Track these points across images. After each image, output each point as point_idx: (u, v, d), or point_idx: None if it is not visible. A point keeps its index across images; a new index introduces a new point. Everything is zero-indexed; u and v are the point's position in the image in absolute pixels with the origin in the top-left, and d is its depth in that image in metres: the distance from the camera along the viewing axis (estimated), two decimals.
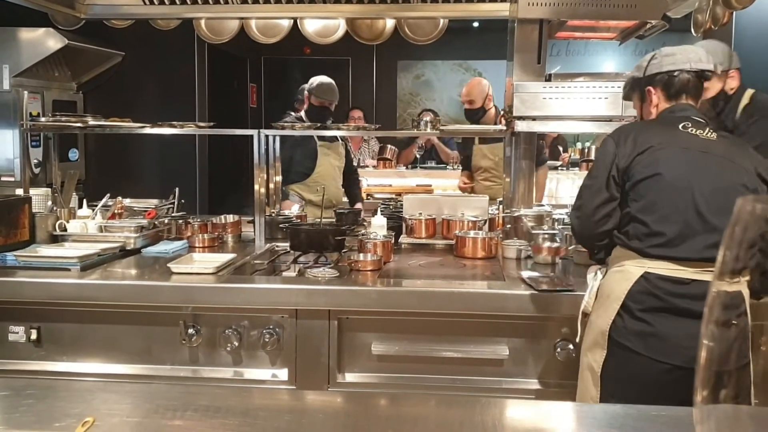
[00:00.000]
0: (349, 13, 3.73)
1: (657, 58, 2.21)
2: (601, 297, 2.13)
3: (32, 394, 1.40)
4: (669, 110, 2.19)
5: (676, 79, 2.17)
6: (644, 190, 2.06)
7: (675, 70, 2.17)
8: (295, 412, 1.37)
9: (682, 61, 2.17)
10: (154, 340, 2.49)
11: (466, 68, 8.87)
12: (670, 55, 2.20)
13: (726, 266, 0.42)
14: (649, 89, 2.22)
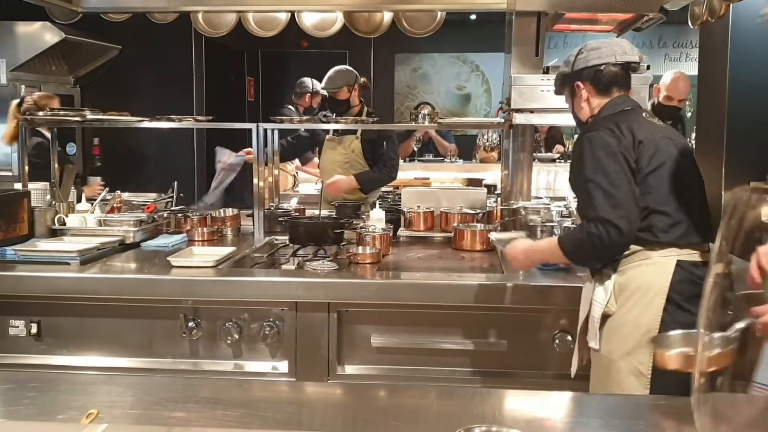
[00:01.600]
0: (346, 6, 3.72)
1: (583, 53, 2.20)
2: (635, 294, 2.01)
3: (36, 387, 1.41)
4: (613, 103, 2.17)
5: (602, 73, 2.16)
6: (655, 181, 2.02)
7: (601, 63, 2.17)
8: (295, 403, 1.38)
9: (607, 54, 2.17)
10: (155, 334, 2.49)
11: (463, 61, 8.86)
12: (595, 49, 2.19)
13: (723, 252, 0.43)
14: (578, 84, 2.21)
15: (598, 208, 1.96)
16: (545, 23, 3.27)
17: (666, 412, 1.26)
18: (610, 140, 2.03)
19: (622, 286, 2.03)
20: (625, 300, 2.02)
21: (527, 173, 3.41)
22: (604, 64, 2.16)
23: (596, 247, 1.98)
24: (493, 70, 8.51)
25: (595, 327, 2.07)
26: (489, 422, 1.19)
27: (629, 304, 2.01)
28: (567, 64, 2.24)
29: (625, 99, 2.18)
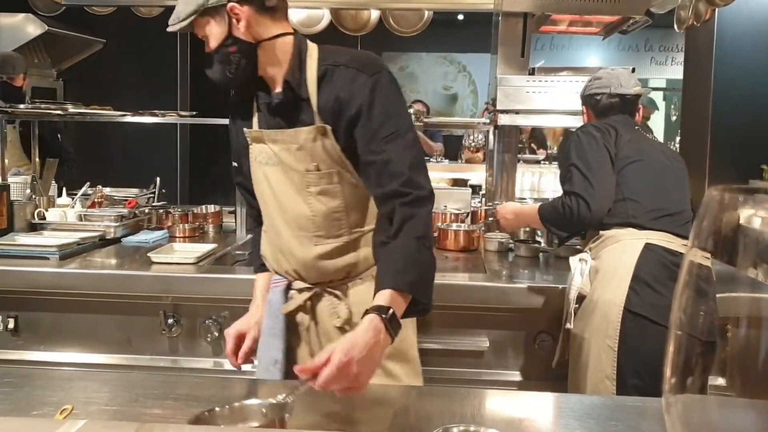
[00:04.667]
0: (333, 4, 3.71)
1: (591, 80, 2.49)
2: (606, 274, 2.15)
3: (10, 383, 1.39)
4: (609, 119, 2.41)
5: (599, 102, 2.44)
6: (631, 174, 2.23)
7: (598, 93, 2.44)
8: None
9: (605, 85, 2.43)
10: (134, 330, 2.47)
11: (450, 61, 8.87)
12: (598, 78, 2.47)
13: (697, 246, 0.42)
14: (584, 107, 2.53)
15: (574, 185, 2.21)
16: (531, 24, 3.27)
17: (643, 413, 1.26)
18: (595, 133, 2.29)
19: (595, 268, 2.21)
20: (597, 281, 2.18)
21: (512, 174, 3.41)
22: (600, 94, 2.44)
23: (566, 216, 2.22)
24: (480, 70, 8.53)
25: (569, 308, 2.22)
26: (468, 422, 1.19)
27: (600, 284, 2.16)
28: (583, 88, 2.54)
29: (620, 117, 2.41)
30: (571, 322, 2.21)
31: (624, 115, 2.43)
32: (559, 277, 2.46)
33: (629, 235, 2.17)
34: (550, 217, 2.33)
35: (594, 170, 2.21)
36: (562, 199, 2.25)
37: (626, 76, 2.47)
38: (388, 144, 1.57)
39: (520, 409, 1.33)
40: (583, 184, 2.20)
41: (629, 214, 2.20)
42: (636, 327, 2.05)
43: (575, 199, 2.19)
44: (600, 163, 2.23)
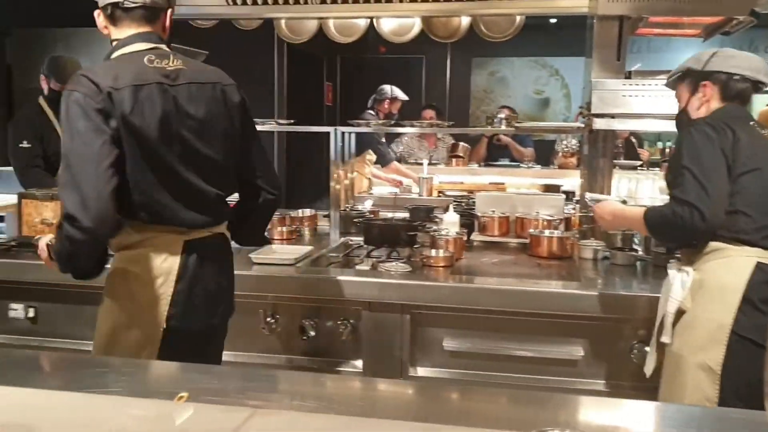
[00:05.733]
0: (425, 12, 3.75)
1: (719, 57, 2.22)
2: (712, 291, 2.05)
3: (129, 372, 1.50)
4: (726, 109, 2.19)
5: (735, 83, 2.19)
6: (746, 182, 2.08)
7: (736, 74, 2.19)
8: (368, 396, 1.42)
9: (744, 67, 2.19)
10: (236, 327, 2.58)
11: (542, 65, 8.76)
12: (733, 56, 2.21)
13: None
14: (705, 84, 2.22)
15: (687, 192, 2.03)
16: (628, 27, 3.21)
17: (748, 426, 1.23)
18: (711, 133, 2.08)
19: (699, 282, 2.08)
20: (700, 296, 2.06)
21: (607, 180, 3.35)
22: (739, 75, 2.19)
23: (677, 226, 2.04)
24: (572, 74, 8.37)
25: (668, 322, 2.10)
26: (562, 426, 1.19)
27: (704, 300, 2.05)
28: (697, 61, 2.25)
29: (737, 108, 2.21)
30: (670, 336, 2.11)
31: (744, 107, 2.23)
32: (656, 287, 2.40)
33: (739, 251, 2.05)
34: (657, 225, 2.17)
35: (710, 176, 2.04)
36: (672, 207, 2.06)
37: (758, 61, 2.23)
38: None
39: (615, 417, 1.32)
40: (697, 191, 2.02)
41: (740, 228, 2.06)
42: (743, 350, 1.97)
43: (688, 208, 2.01)
44: (716, 168, 2.05)
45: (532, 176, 5.54)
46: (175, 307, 1.93)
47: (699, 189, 2.02)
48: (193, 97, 1.98)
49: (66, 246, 1.82)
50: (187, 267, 1.95)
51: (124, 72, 1.87)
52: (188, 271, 1.95)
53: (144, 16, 1.98)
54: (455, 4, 3.59)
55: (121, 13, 1.97)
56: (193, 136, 1.96)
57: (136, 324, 1.93)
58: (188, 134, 1.95)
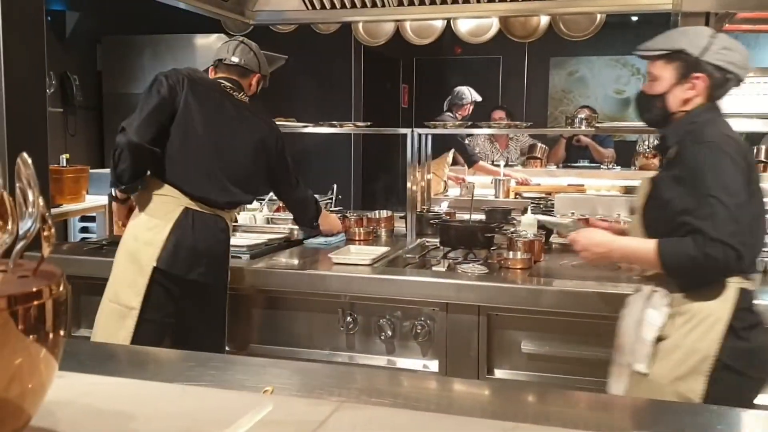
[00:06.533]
0: (503, 12, 3.74)
1: (718, 45, 1.95)
2: (696, 319, 1.86)
3: (215, 366, 1.56)
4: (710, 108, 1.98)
5: (728, 81, 1.96)
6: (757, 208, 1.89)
7: (736, 72, 1.96)
8: (446, 396, 1.43)
9: (738, 64, 1.95)
10: (315, 326, 2.65)
11: (623, 64, 8.54)
12: (730, 49, 1.96)
13: None
14: (698, 76, 1.95)
15: (719, 227, 1.76)
16: (714, 23, 3.11)
17: None
18: (733, 153, 1.84)
19: (680, 309, 1.89)
20: (683, 323, 1.88)
21: None
22: (734, 74, 1.96)
23: (709, 268, 1.80)
24: None
25: (646, 350, 1.90)
26: None
27: (687, 327, 1.87)
28: (692, 44, 1.95)
29: (717, 106, 2.02)
30: (647, 365, 1.90)
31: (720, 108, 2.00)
32: None
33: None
34: (678, 266, 1.86)
35: (740, 206, 1.78)
36: (704, 248, 1.77)
37: (747, 56, 1.99)
38: None
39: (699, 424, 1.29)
40: (732, 226, 1.76)
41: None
42: (726, 379, 1.83)
43: (722, 247, 1.75)
44: (743, 197, 1.80)
45: (613, 178, 5.42)
46: (164, 252, 2.43)
47: (733, 224, 1.76)
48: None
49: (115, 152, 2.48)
50: (180, 226, 2.47)
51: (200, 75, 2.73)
52: (179, 229, 2.47)
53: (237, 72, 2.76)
54: (535, 3, 3.56)
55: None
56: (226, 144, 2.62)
57: (137, 258, 2.45)
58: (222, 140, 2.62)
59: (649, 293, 1.95)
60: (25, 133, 2.79)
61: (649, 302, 1.94)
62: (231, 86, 2.70)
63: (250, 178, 2.68)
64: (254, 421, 0.96)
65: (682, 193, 1.86)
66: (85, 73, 5.73)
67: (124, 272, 2.48)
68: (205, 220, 2.53)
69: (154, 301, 2.43)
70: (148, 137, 2.46)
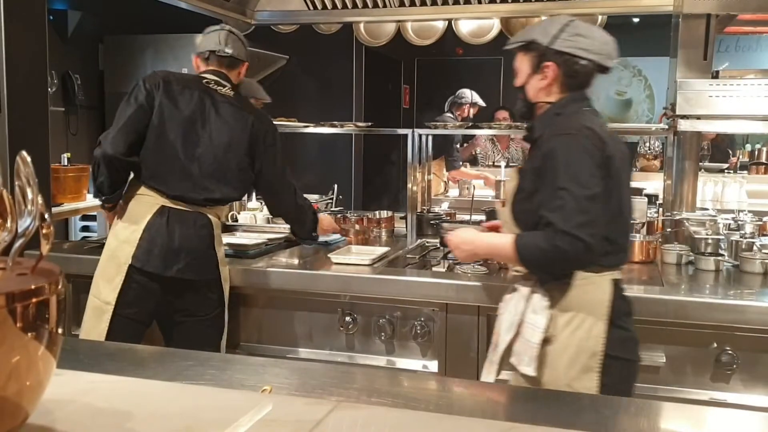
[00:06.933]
0: (505, 13, 3.74)
1: (569, 32, 1.93)
2: (578, 316, 1.88)
3: (214, 365, 1.56)
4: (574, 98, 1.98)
5: (582, 67, 1.94)
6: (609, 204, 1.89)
7: (586, 58, 1.92)
8: (446, 396, 1.43)
9: (594, 50, 1.93)
10: (315, 326, 2.65)
11: (624, 65, 8.54)
12: (584, 35, 1.93)
13: None
14: (548, 65, 1.95)
15: (567, 218, 1.77)
16: (715, 25, 3.11)
17: None
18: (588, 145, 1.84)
19: (561, 308, 1.90)
20: (566, 323, 1.89)
21: (692, 183, 3.25)
22: (588, 60, 1.93)
23: (558, 260, 1.82)
24: (656, 74, 8.13)
25: (532, 352, 1.89)
26: None
27: (571, 327, 1.88)
28: (544, 33, 1.95)
29: (584, 96, 2.01)
30: (534, 368, 1.89)
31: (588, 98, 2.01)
32: (743, 293, 2.32)
33: (597, 272, 1.89)
34: (532, 258, 1.87)
35: (594, 198, 1.80)
36: (553, 240, 1.79)
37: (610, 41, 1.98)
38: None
39: (699, 424, 1.29)
40: (580, 218, 1.77)
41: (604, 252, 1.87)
42: (615, 369, 1.88)
43: (570, 239, 1.76)
44: (598, 189, 1.81)
45: None
46: (138, 250, 2.45)
47: (581, 215, 1.77)
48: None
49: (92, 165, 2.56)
50: (153, 224, 2.48)
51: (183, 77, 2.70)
52: (153, 227, 2.48)
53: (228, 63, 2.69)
54: (536, 4, 3.57)
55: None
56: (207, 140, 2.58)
57: (115, 255, 2.48)
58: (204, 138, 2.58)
59: (528, 294, 1.95)
60: (26, 132, 2.79)
61: (529, 304, 1.93)
62: (216, 80, 2.64)
63: (232, 173, 2.59)
64: (254, 421, 0.96)
65: (540, 186, 1.87)
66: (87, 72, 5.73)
67: (104, 269, 2.51)
68: (183, 218, 2.51)
69: (130, 298, 2.45)
70: (123, 149, 2.47)
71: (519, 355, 1.94)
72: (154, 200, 2.51)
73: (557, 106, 1.98)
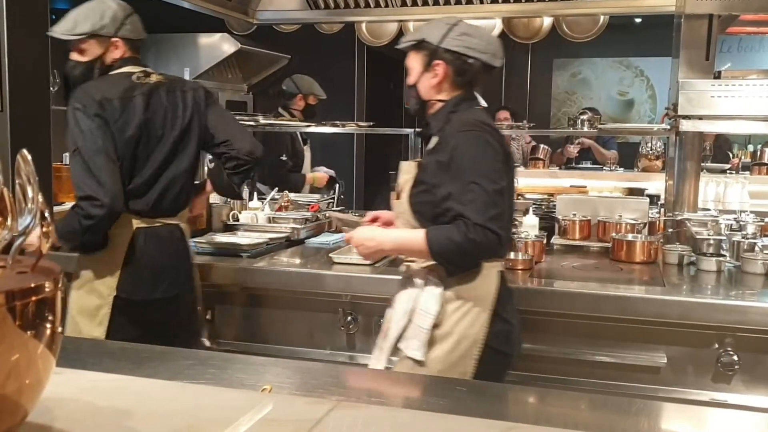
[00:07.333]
0: (507, 13, 3.73)
1: (457, 32, 2.00)
2: (465, 305, 1.96)
3: (214, 365, 1.56)
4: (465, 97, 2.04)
5: (470, 66, 2.00)
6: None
7: (473, 57, 1.99)
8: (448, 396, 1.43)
9: (480, 49, 1.99)
10: (315, 325, 2.65)
11: (626, 65, 8.53)
12: (470, 34, 2.00)
13: None
14: (438, 63, 2.01)
15: (479, 210, 1.84)
16: (717, 26, 3.10)
17: None
18: (492, 141, 1.94)
19: (450, 296, 1.97)
20: (453, 311, 1.97)
21: (694, 183, 3.24)
22: (475, 59, 1.99)
23: (472, 253, 1.90)
24: (658, 74, 8.12)
25: (423, 337, 1.97)
26: None
27: (458, 315, 1.97)
28: (433, 33, 2.02)
29: (474, 95, 2.08)
30: (423, 353, 1.97)
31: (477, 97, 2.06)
32: (744, 294, 2.32)
33: (486, 263, 1.96)
34: (445, 251, 1.91)
35: (502, 192, 1.89)
36: (468, 233, 1.84)
37: (494, 41, 2.06)
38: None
39: (701, 425, 1.29)
40: (492, 211, 1.85)
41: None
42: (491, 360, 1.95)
43: (483, 231, 1.83)
44: (504, 183, 1.91)
45: (615, 179, 5.41)
46: (123, 279, 2.32)
47: (493, 208, 1.85)
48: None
49: (83, 224, 2.20)
50: (134, 248, 2.33)
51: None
52: (135, 251, 2.33)
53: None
54: (538, 4, 3.56)
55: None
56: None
57: (93, 289, 2.33)
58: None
59: (423, 283, 2.01)
60: (28, 131, 2.79)
61: (423, 291, 2.00)
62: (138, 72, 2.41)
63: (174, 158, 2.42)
64: (254, 421, 0.95)
65: (445, 179, 1.92)
66: None
67: (82, 304, 2.34)
68: (159, 235, 2.40)
69: (117, 330, 2.33)
70: (122, 195, 2.28)
71: (408, 340, 2.00)
72: (125, 222, 2.34)
73: (451, 104, 2.04)
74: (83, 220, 2.21)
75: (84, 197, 2.21)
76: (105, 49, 2.41)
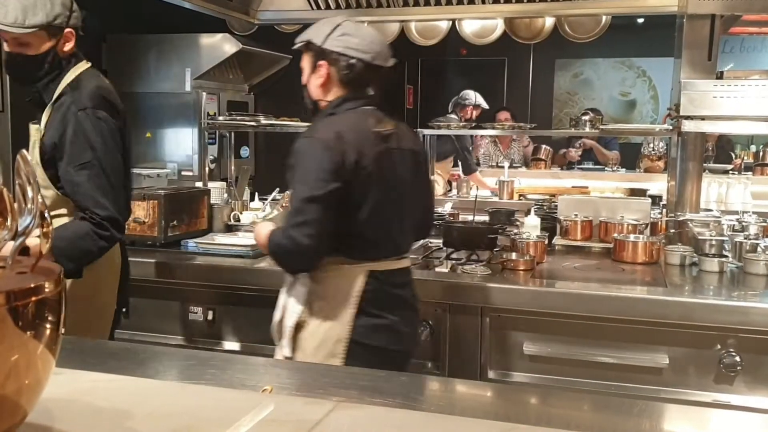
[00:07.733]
0: (509, 13, 3.73)
1: (339, 32, 1.98)
2: (327, 304, 1.99)
3: (214, 365, 1.55)
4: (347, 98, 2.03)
5: (353, 67, 1.98)
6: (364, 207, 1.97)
7: (354, 57, 1.97)
8: (448, 397, 1.43)
9: (362, 49, 1.97)
10: None
11: (628, 66, 8.53)
12: (352, 35, 1.98)
13: None
14: (321, 64, 2.00)
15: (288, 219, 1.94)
16: (720, 26, 3.10)
17: None
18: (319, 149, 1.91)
19: (313, 296, 2.01)
20: (318, 310, 2.00)
21: (696, 184, 3.24)
22: (356, 59, 1.98)
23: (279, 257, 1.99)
24: (661, 75, 8.13)
25: (288, 335, 2.03)
26: None
27: (321, 314, 2.00)
28: (318, 34, 2.01)
29: (360, 95, 2.06)
30: (291, 350, 2.03)
31: (365, 93, 2.05)
32: (747, 294, 2.31)
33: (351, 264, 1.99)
34: (274, 254, 2.02)
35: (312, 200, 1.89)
36: (280, 238, 1.93)
37: (379, 42, 2.04)
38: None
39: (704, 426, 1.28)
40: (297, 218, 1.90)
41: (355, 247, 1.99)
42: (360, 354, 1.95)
43: (287, 237, 1.90)
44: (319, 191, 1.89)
45: (617, 180, 5.41)
46: (120, 291, 2.36)
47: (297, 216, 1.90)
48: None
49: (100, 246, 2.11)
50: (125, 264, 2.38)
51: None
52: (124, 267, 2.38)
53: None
54: (540, 4, 3.56)
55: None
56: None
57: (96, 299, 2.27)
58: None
59: (292, 281, 2.06)
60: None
61: (291, 290, 2.05)
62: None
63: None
64: (255, 421, 0.95)
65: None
66: None
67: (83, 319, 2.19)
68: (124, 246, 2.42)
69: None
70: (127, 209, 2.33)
71: (283, 338, 2.07)
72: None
73: (331, 106, 2.04)
74: (100, 241, 2.09)
75: (108, 218, 2.09)
76: (55, 42, 2.15)
